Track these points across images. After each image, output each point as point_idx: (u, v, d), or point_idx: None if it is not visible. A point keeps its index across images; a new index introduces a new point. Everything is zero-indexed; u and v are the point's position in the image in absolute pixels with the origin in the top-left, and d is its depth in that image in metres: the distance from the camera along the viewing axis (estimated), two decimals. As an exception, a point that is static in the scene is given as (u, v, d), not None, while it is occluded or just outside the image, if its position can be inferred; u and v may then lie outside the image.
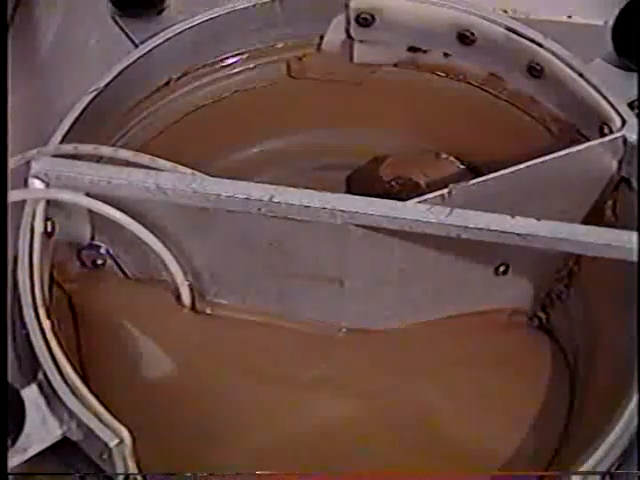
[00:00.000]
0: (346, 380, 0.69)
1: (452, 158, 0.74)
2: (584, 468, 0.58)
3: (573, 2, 0.74)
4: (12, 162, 0.66)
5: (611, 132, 0.66)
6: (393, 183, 0.74)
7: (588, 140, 0.67)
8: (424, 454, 0.66)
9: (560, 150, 0.66)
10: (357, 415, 0.68)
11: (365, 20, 0.71)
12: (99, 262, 0.68)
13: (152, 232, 0.65)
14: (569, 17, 0.75)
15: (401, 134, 0.76)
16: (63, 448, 0.60)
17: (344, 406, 0.68)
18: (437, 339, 0.70)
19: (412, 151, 0.75)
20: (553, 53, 0.68)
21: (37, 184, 0.64)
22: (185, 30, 0.70)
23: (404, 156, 0.74)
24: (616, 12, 0.69)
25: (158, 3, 0.72)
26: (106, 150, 0.66)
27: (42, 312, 0.61)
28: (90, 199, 0.64)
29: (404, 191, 0.72)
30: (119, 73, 0.68)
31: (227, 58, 0.73)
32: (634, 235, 0.63)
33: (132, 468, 0.59)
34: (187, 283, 0.68)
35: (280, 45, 0.73)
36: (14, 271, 0.63)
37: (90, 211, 0.65)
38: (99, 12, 0.73)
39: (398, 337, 0.70)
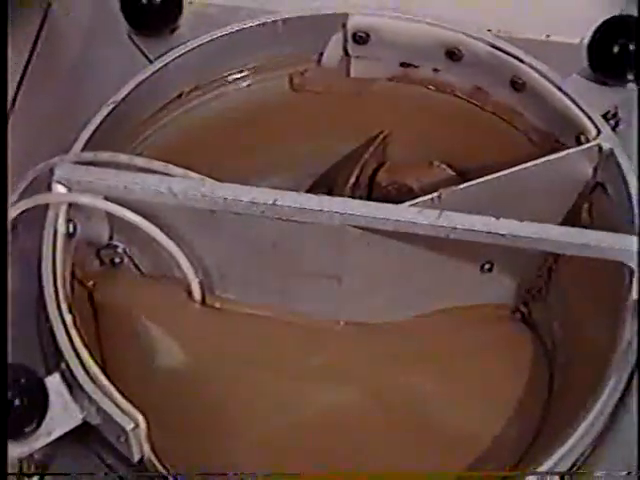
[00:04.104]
0: (344, 370, 0.69)
1: (443, 165, 0.74)
2: (543, 468, 0.58)
3: (551, 22, 0.74)
4: (37, 169, 0.66)
5: (587, 141, 0.67)
6: (389, 187, 0.74)
7: (566, 148, 0.67)
8: (416, 438, 0.66)
9: (541, 157, 0.66)
10: (354, 403, 0.68)
11: (361, 38, 0.71)
12: (117, 260, 0.69)
13: (165, 233, 0.66)
14: (548, 36, 0.75)
15: (395, 143, 0.75)
16: (84, 432, 0.60)
17: (342, 394, 0.68)
18: (428, 332, 0.70)
19: (406, 159, 0.75)
20: (534, 68, 0.69)
21: (60, 189, 0.64)
22: (196, 47, 0.70)
23: (399, 163, 0.74)
24: (591, 31, 0.69)
25: (171, 23, 0.72)
26: (123, 157, 0.65)
27: (64, 307, 0.61)
28: (108, 202, 0.64)
29: (400, 195, 0.72)
30: (135, 87, 0.68)
31: (234, 73, 0.73)
32: (608, 235, 0.63)
33: (147, 450, 0.59)
34: (197, 280, 0.68)
35: (283, 61, 0.73)
36: (38, 269, 0.63)
37: (108, 213, 0.65)
38: (117, 31, 0.73)
39: (392, 330, 0.70)
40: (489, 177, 0.65)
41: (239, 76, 0.73)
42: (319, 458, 0.66)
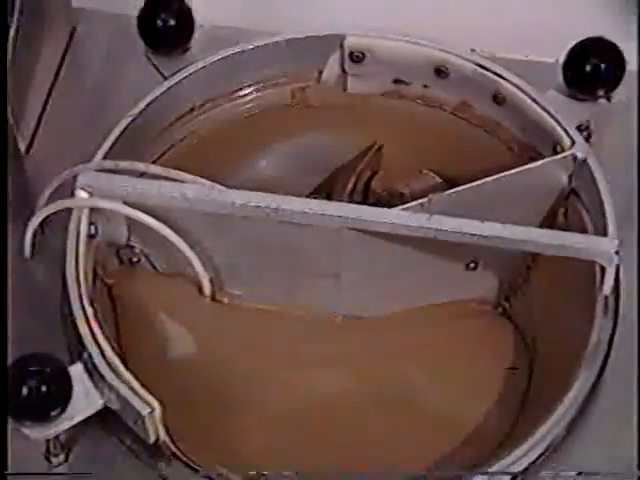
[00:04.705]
0: (342, 359, 0.69)
1: (432, 173, 0.73)
2: (494, 468, 0.59)
3: (530, 43, 0.74)
4: (62, 176, 0.66)
5: (563, 151, 0.67)
6: (383, 193, 0.73)
7: (543, 157, 0.67)
8: (406, 422, 0.66)
9: (521, 166, 0.67)
10: (350, 388, 0.68)
11: (357, 57, 0.71)
12: (134, 259, 0.69)
13: (178, 234, 0.66)
14: (526, 55, 0.75)
15: (388, 153, 0.75)
16: (104, 416, 0.60)
17: (340, 381, 0.68)
18: (418, 324, 0.70)
19: (398, 167, 0.75)
20: (514, 85, 0.69)
21: (83, 194, 0.64)
22: (206, 66, 0.70)
23: (392, 171, 0.74)
24: (565, 52, 0.70)
25: (184, 43, 0.72)
26: (140, 165, 0.66)
27: (86, 301, 0.62)
28: (126, 207, 0.65)
29: (392, 200, 0.71)
30: (151, 101, 0.69)
31: (242, 88, 0.72)
32: (582, 237, 0.63)
33: (162, 433, 0.60)
34: (208, 277, 0.68)
35: (286, 77, 0.73)
36: (63, 267, 0.63)
37: (126, 217, 0.66)
38: (135, 51, 0.72)
39: (386, 323, 0.70)
40: (474, 184, 0.65)
41: (245, 91, 0.73)
42: (318, 439, 0.66)
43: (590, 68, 0.69)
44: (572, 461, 0.61)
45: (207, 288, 0.69)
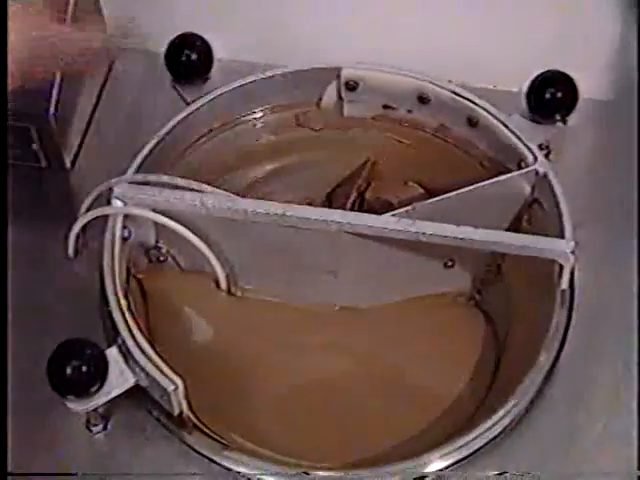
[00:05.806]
0: (340, 345, 0.70)
1: (416, 185, 0.73)
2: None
3: (497, 75, 0.74)
4: (100, 187, 0.67)
5: (526, 166, 0.67)
6: (374, 202, 0.73)
7: (510, 172, 0.68)
8: (395, 398, 0.67)
9: (491, 179, 0.67)
10: (346, 370, 0.68)
11: (352, 86, 0.71)
12: (161, 258, 0.69)
13: (199, 237, 0.66)
14: (495, 85, 0.75)
15: (379, 168, 0.75)
16: (136, 392, 0.61)
17: (338, 364, 0.69)
18: (404, 314, 0.70)
19: (387, 179, 0.75)
20: (485, 110, 0.69)
21: (118, 203, 0.65)
22: (223, 93, 0.71)
23: (382, 183, 0.75)
24: (528, 82, 0.70)
25: (204, 74, 0.73)
26: (166, 178, 0.67)
27: (121, 294, 0.63)
28: (155, 213, 0.66)
29: (382, 208, 0.71)
30: (176, 124, 0.69)
31: (253, 113, 0.73)
32: (543, 239, 0.64)
33: (185, 407, 0.61)
34: (224, 274, 0.69)
35: (290, 103, 0.73)
36: (101, 266, 0.64)
37: (155, 222, 0.66)
38: (162, 81, 0.73)
39: (377, 313, 0.70)
40: (451, 194, 0.66)
41: (256, 115, 0.73)
42: (320, 413, 0.66)
43: (549, 96, 0.69)
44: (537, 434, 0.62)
45: (223, 283, 0.69)
